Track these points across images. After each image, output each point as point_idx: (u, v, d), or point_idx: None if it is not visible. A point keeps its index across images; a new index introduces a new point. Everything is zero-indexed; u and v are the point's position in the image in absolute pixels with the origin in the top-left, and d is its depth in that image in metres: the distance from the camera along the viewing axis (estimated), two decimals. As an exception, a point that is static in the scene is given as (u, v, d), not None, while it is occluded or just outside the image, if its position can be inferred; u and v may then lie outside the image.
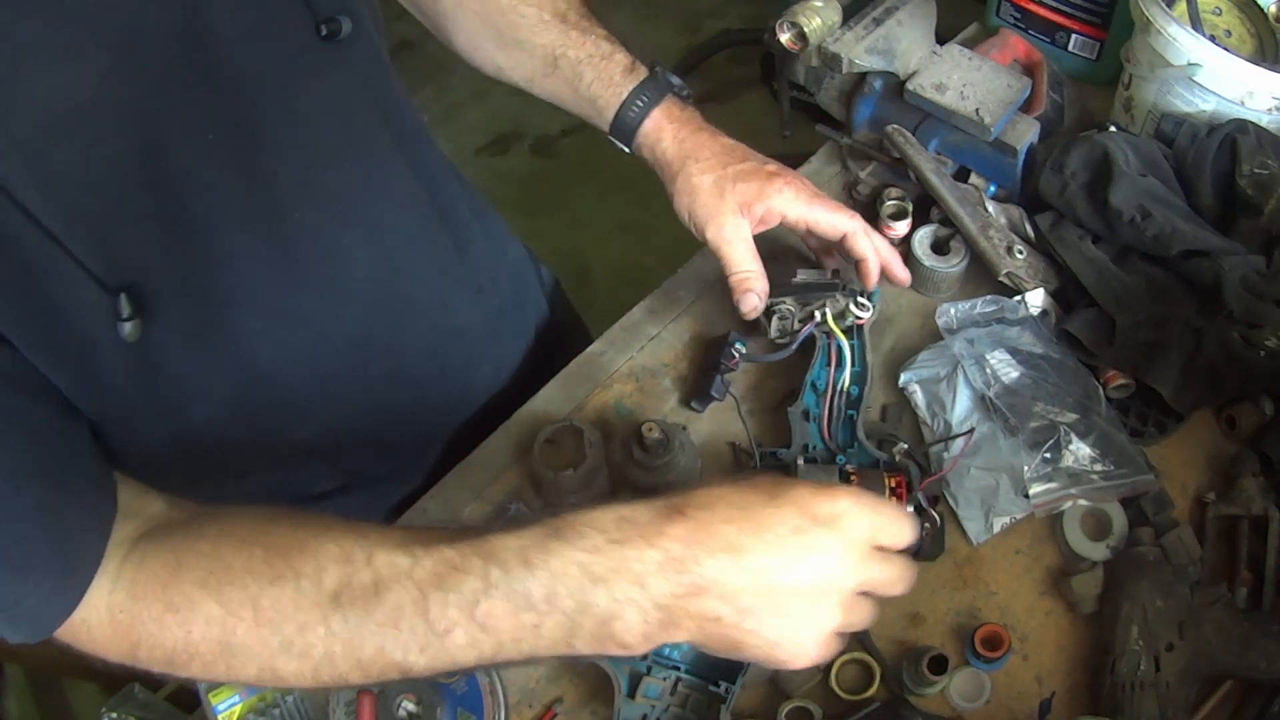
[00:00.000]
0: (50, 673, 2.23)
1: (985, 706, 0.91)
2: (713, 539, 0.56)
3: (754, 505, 0.58)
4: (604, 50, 1.02)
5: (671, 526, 0.56)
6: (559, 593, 0.56)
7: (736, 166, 0.96)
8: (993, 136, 1.10)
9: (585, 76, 1.01)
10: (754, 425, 1.08)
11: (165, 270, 0.71)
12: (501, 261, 1.15)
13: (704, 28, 3.20)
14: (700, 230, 0.95)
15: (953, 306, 1.07)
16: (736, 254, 0.94)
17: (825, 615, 0.60)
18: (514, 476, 1.10)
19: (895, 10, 1.19)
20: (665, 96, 1.01)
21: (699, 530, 0.56)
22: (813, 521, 0.58)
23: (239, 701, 0.94)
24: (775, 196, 0.94)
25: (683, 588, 0.56)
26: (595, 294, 2.60)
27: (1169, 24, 1.06)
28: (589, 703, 0.96)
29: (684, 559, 0.56)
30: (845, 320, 1.03)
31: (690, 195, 0.95)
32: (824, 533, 0.58)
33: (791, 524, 0.58)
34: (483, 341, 1.11)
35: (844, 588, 0.60)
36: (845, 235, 0.99)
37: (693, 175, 0.96)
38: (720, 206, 0.93)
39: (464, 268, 1.04)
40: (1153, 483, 0.97)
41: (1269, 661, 0.85)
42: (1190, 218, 1.05)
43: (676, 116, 1.00)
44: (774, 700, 0.92)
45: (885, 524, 0.62)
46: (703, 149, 0.97)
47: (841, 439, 1.02)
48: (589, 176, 2.90)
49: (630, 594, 0.56)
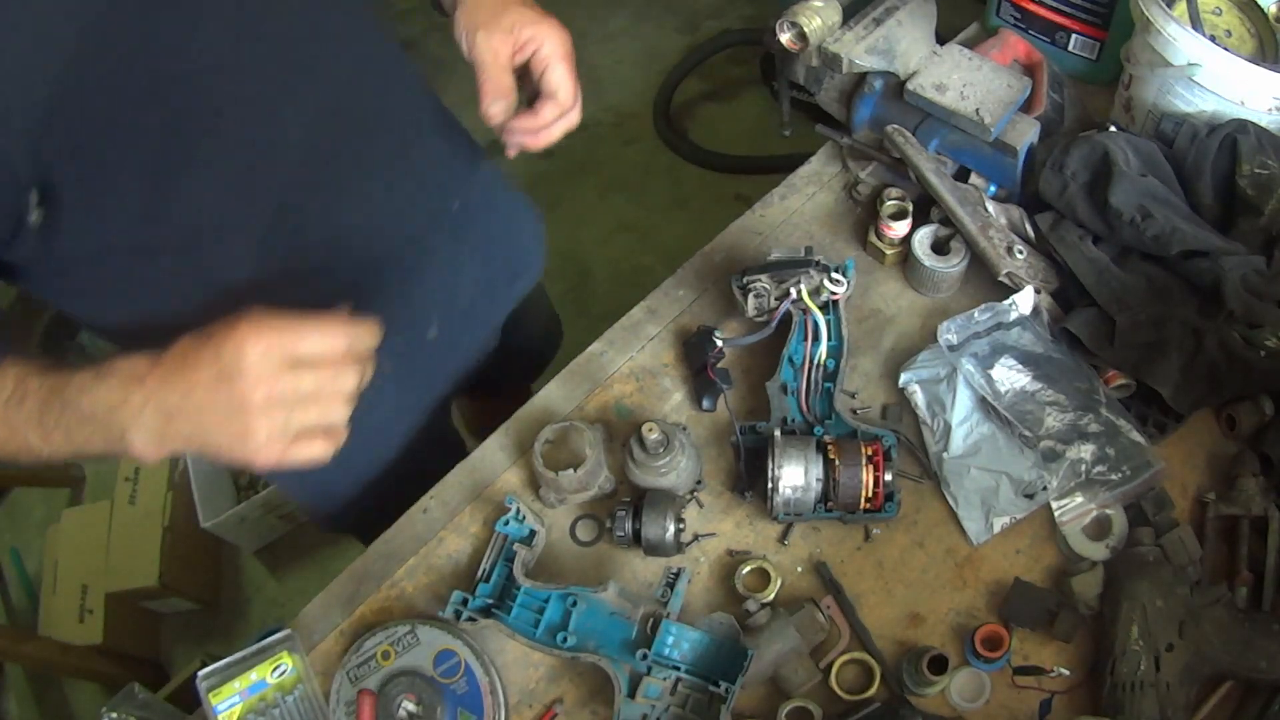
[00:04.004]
0: (50, 673, 2.23)
1: (985, 706, 0.91)
2: (166, 385, 0.76)
3: (191, 353, 0.76)
4: None
5: (150, 378, 0.77)
6: (98, 412, 0.78)
7: None
8: (993, 136, 1.10)
9: None
10: (734, 400, 1.10)
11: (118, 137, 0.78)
12: (467, 175, 1.22)
13: (704, 28, 3.19)
14: (470, 36, 0.97)
15: (953, 322, 1.07)
16: (495, 64, 0.97)
17: (246, 425, 0.75)
18: (514, 476, 1.10)
19: (895, 10, 1.18)
20: None
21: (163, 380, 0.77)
22: (216, 354, 0.75)
23: (239, 702, 0.94)
24: (546, 30, 0.98)
25: (158, 418, 0.77)
26: (595, 294, 2.60)
27: (1169, 24, 1.06)
28: (589, 703, 0.96)
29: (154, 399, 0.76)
30: (820, 296, 1.05)
31: (475, 4, 0.98)
32: (227, 359, 0.75)
33: (207, 359, 0.76)
34: (431, 244, 1.16)
35: (249, 400, 0.75)
36: (554, 100, 1.01)
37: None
38: (498, 20, 0.97)
39: (418, 157, 1.10)
40: (1162, 472, 0.97)
41: (1269, 661, 0.85)
42: (1190, 218, 1.05)
43: None
44: (774, 700, 0.92)
45: (292, 339, 0.76)
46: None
47: (819, 411, 1.04)
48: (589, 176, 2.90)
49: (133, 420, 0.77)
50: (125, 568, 2.16)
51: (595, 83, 3.10)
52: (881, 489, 0.96)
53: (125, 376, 0.77)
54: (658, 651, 0.89)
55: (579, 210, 2.77)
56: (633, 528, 0.98)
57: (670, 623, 0.90)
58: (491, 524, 1.03)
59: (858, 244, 1.22)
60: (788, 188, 1.28)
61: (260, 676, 0.95)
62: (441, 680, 0.94)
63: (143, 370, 0.77)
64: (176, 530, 2.22)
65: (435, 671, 0.95)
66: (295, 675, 0.97)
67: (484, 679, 0.94)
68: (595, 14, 3.25)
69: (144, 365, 0.77)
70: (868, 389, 1.10)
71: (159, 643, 2.30)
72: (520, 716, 0.96)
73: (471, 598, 0.96)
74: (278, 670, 0.96)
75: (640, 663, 0.88)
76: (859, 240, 1.22)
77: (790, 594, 0.99)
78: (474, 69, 0.97)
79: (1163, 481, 0.99)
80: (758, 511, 1.04)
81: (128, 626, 2.19)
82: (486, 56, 0.96)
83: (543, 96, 1.00)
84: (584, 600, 0.94)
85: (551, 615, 0.94)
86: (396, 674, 0.94)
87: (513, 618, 0.95)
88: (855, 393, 1.10)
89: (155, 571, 2.14)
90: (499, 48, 0.96)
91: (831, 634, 0.95)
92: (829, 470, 0.96)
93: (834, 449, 0.97)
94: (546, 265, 1.39)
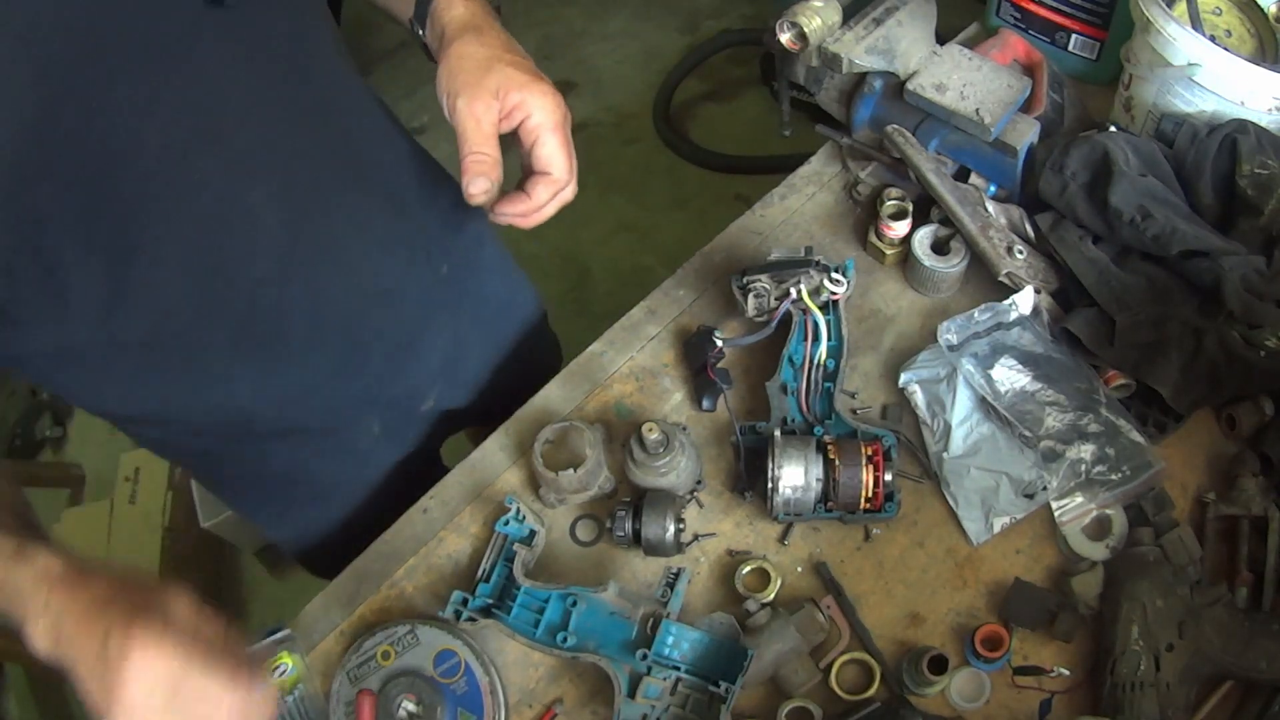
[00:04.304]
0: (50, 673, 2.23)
1: (985, 706, 0.91)
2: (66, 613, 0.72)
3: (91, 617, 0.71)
4: None
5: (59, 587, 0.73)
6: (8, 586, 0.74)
7: (514, 56, 0.92)
8: (993, 136, 1.10)
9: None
10: (734, 400, 1.10)
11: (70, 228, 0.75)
12: (456, 234, 1.16)
13: (704, 28, 3.20)
14: (452, 99, 0.89)
15: (953, 322, 1.07)
16: (478, 133, 0.88)
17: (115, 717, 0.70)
18: (514, 476, 1.10)
19: (895, 10, 1.18)
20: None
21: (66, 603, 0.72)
22: (102, 662, 0.69)
23: (239, 701, 0.94)
24: (536, 96, 0.90)
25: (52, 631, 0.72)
26: (595, 294, 2.60)
27: (1169, 24, 1.06)
28: (589, 703, 0.96)
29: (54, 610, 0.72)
30: (820, 296, 1.05)
31: (458, 62, 0.90)
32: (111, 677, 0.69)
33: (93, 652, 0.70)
34: (423, 310, 1.12)
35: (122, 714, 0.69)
36: (548, 175, 0.93)
37: (469, 44, 0.90)
38: (482, 82, 0.88)
39: (400, 229, 1.05)
40: (1162, 472, 0.97)
41: (1269, 661, 0.85)
42: (1190, 218, 1.05)
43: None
44: (774, 700, 0.92)
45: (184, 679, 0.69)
46: (490, 30, 0.93)
47: (819, 411, 1.04)
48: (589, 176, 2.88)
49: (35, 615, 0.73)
50: (125, 568, 2.16)
51: (595, 83, 3.10)
52: (881, 489, 0.96)
53: (40, 570, 0.73)
54: (658, 651, 0.89)
55: (579, 210, 2.75)
56: (633, 528, 0.98)
57: (670, 623, 0.90)
58: (491, 524, 1.03)
59: (858, 244, 1.22)
60: (788, 188, 1.28)
61: (260, 676, 0.95)
62: (441, 680, 0.94)
63: (55, 574, 0.73)
64: (176, 530, 2.22)
65: (435, 671, 0.95)
66: (295, 675, 0.97)
67: (484, 679, 0.94)
68: (595, 14, 3.25)
69: (58, 568, 0.73)
70: (868, 389, 1.10)
71: (159, 643, 2.29)
72: (520, 716, 0.96)
73: (471, 598, 0.96)
74: (278, 670, 0.96)
75: (640, 663, 0.88)
76: (859, 240, 1.22)
77: (790, 594, 0.99)
78: (456, 135, 0.89)
79: (1163, 481, 0.99)
80: (758, 511, 1.04)
81: (128, 626, 2.18)
82: (468, 124, 0.87)
83: (535, 174, 0.93)
84: (584, 600, 0.94)
85: (551, 615, 0.94)
86: (396, 674, 0.94)
87: (513, 618, 0.95)
88: (855, 393, 1.10)
89: (155, 571, 2.14)
90: (482, 115, 0.88)
91: (831, 634, 0.95)
92: (829, 470, 0.96)
93: (834, 449, 0.97)
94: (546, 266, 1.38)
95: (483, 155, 0.88)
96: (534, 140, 0.91)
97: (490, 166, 0.88)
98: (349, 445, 1.17)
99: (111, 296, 0.82)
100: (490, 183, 0.88)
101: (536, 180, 0.93)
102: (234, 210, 0.85)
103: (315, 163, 0.91)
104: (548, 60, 3.16)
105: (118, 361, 0.91)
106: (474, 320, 1.22)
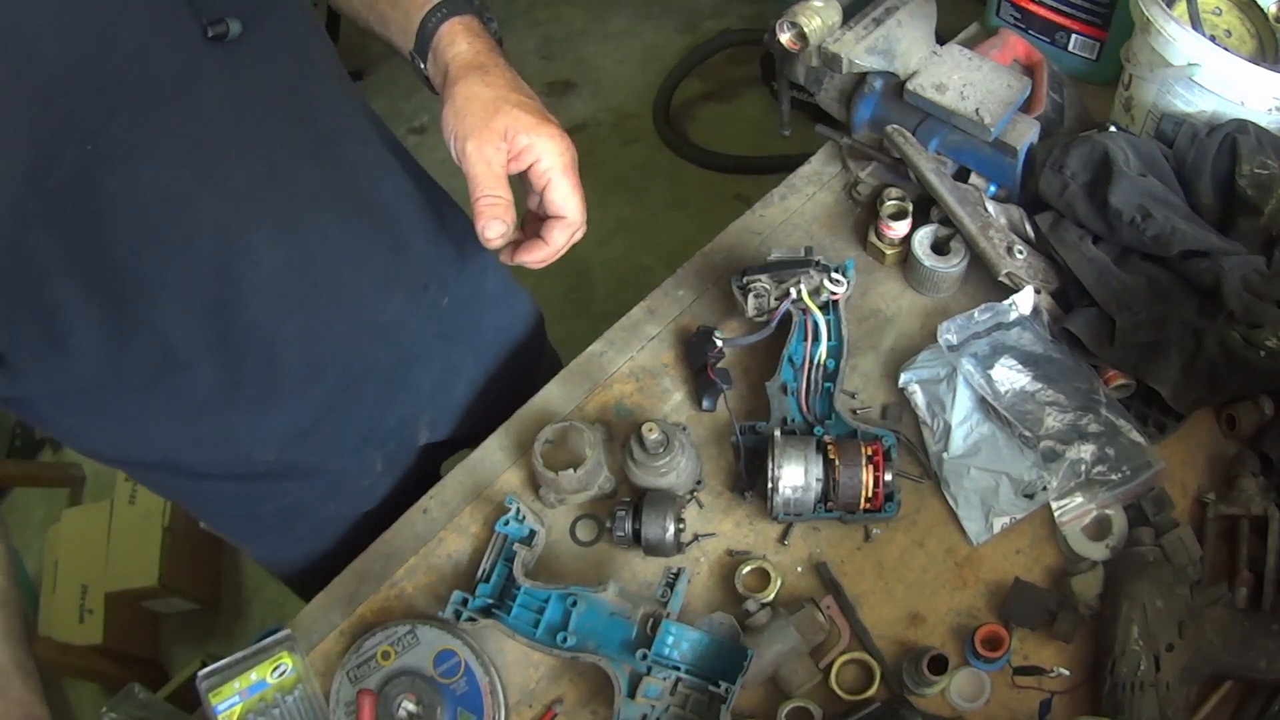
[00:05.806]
0: (50, 673, 2.23)
1: (985, 706, 0.91)
2: None
3: None
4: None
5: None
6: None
7: (520, 96, 0.91)
8: (993, 136, 1.10)
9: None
10: (734, 400, 1.10)
11: (67, 275, 0.74)
12: (460, 268, 1.15)
13: (704, 28, 3.20)
14: (460, 142, 0.88)
15: (953, 322, 1.07)
16: (489, 176, 0.88)
17: None
18: (514, 476, 1.10)
19: (895, 10, 1.18)
20: (468, 13, 0.95)
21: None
22: None
23: (239, 702, 0.94)
24: (544, 139, 0.89)
25: None
26: (595, 294, 2.60)
27: (1169, 24, 1.06)
28: (589, 703, 0.96)
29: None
30: (820, 296, 1.05)
31: (465, 102, 0.89)
32: None
33: None
34: (419, 341, 1.11)
35: None
36: (563, 219, 0.93)
37: (475, 84, 0.90)
38: (490, 124, 0.88)
39: (403, 265, 1.04)
40: (1162, 472, 0.97)
41: (1269, 661, 0.85)
42: (1190, 218, 1.05)
43: (476, 31, 0.95)
44: (774, 700, 0.92)
45: None
46: (496, 69, 0.92)
47: (819, 411, 1.04)
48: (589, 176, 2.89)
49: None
50: (125, 568, 2.16)
51: (595, 83, 3.10)
52: (881, 489, 0.96)
53: None
54: (658, 651, 0.89)
55: (579, 210, 2.78)
56: (633, 528, 0.98)
57: (670, 623, 0.90)
58: (491, 524, 1.03)
59: (858, 244, 1.22)
60: (788, 188, 1.28)
61: (260, 677, 0.95)
62: (441, 680, 0.94)
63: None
64: (176, 530, 2.22)
65: (435, 671, 0.95)
66: (295, 675, 0.97)
67: (484, 679, 0.94)
68: (595, 14, 3.25)
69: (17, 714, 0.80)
70: (868, 389, 1.10)
71: (159, 643, 2.30)
72: (520, 716, 0.96)
73: (471, 598, 0.96)
74: (278, 670, 0.96)
75: (640, 663, 0.88)
76: (859, 240, 1.22)
77: (790, 594, 0.99)
78: (466, 178, 0.88)
79: (1163, 481, 0.99)
80: (758, 511, 1.04)
81: (128, 626, 2.19)
82: (479, 168, 0.87)
83: (549, 218, 0.92)
84: (584, 600, 0.94)
85: (551, 615, 0.94)
86: (396, 674, 0.94)
87: (513, 618, 0.95)
88: (855, 393, 1.10)
89: (155, 571, 2.15)
90: (492, 158, 0.87)
91: (831, 634, 0.95)
92: (829, 470, 0.96)
93: (834, 449, 0.97)
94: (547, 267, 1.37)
95: (496, 198, 0.87)
96: (545, 184, 0.91)
97: (504, 209, 0.88)
98: (353, 484, 1.17)
99: (110, 341, 0.82)
100: (505, 225, 0.88)
101: (552, 225, 0.92)
102: (234, 251, 0.85)
103: (317, 201, 0.91)
104: (548, 60, 3.17)
105: (117, 405, 0.91)
106: (468, 348, 1.21)
